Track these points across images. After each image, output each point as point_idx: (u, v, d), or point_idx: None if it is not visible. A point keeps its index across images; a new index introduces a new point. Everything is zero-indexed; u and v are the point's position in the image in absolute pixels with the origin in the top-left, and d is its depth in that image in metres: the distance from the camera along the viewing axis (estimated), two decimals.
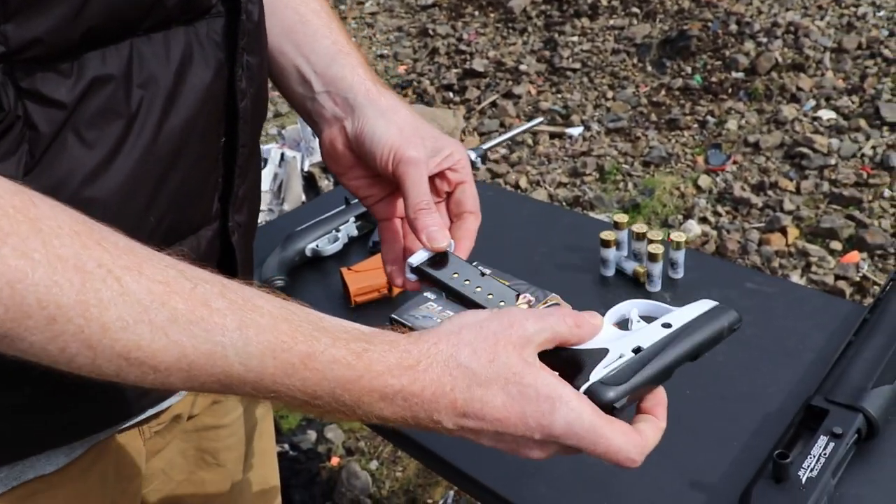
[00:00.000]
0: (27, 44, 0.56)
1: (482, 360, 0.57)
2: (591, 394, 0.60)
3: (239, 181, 0.77)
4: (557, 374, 0.60)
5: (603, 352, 0.63)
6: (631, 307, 0.71)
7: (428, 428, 0.58)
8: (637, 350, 0.63)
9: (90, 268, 0.49)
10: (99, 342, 0.50)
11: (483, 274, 0.73)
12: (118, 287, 0.49)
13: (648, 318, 0.69)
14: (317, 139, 0.84)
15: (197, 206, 0.74)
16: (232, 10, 0.71)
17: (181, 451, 0.95)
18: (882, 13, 3.78)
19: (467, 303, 0.71)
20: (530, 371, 0.58)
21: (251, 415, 1.03)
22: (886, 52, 3.53)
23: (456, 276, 0.73)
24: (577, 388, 0.60)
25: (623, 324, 0.70)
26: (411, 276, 0.76)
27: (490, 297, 0.71)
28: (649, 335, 0.64)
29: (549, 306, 0.71)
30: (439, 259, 0.75)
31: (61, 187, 0.61)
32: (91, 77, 0.61)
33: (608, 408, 0.60)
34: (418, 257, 0.75)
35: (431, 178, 0.78)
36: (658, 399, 0.64)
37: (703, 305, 0.68)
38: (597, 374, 0.61)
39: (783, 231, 2.80)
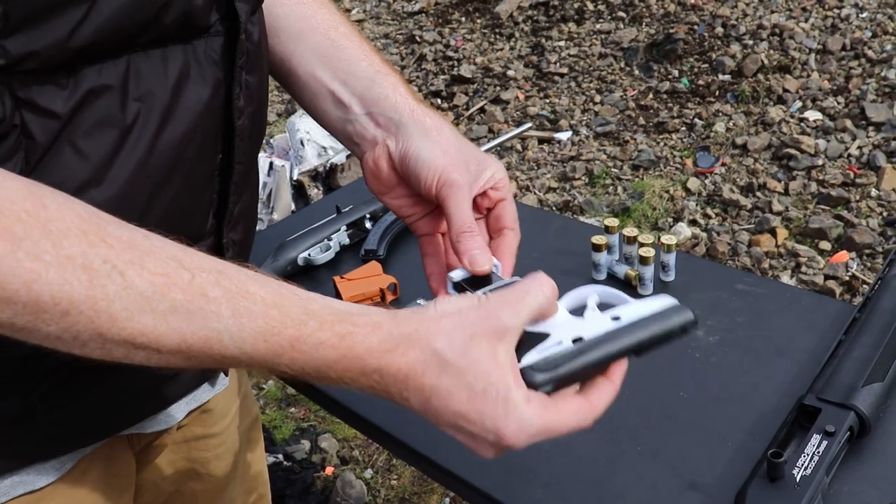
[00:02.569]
0: (24, 57, 0.58)
1: (456, 351, 0.60)
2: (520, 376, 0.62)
3: (234, 198, 0.78)
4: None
5: (543, 336, 0.65)
6: (590, 293, 0.72)
7: (396, 402, 0.62)
8: (577, 340, 0.65)
9: (97, 265, 0.53)
10: (108, 330, 0.54)
11: None
12: (122, 281, 0.54)
13: (607, 306, 0.70)
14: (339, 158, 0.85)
15: (191, 221, 0.75)
16: (231, 29, 0.71)
17: (171, 463, 0.95)
18: (865, 14, 3.81)
19: None
20: (496, 370, 0.60)
21: (240, 425, 1.03)
22: (870, 52, 3.56)
23: None
24: None
25: (580, 309, 0.71)
26: (453, 291, 0.76)
27: None
28: (595, 326, 0.66)
29: (509, 283, 0.70)
30: (482, 276, 0.75)
31: None
32: (87, 89, 0.62)
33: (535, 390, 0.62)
34: (460, 273, 0.75)
35: (474, 197, 0.79)
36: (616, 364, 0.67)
37: (661, 302, 0.68)
38: (529, 358, 0.63)
39: (772, 232, 2.82)
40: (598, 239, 1.20)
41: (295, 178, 3.19)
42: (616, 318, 0.66)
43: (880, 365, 0.91)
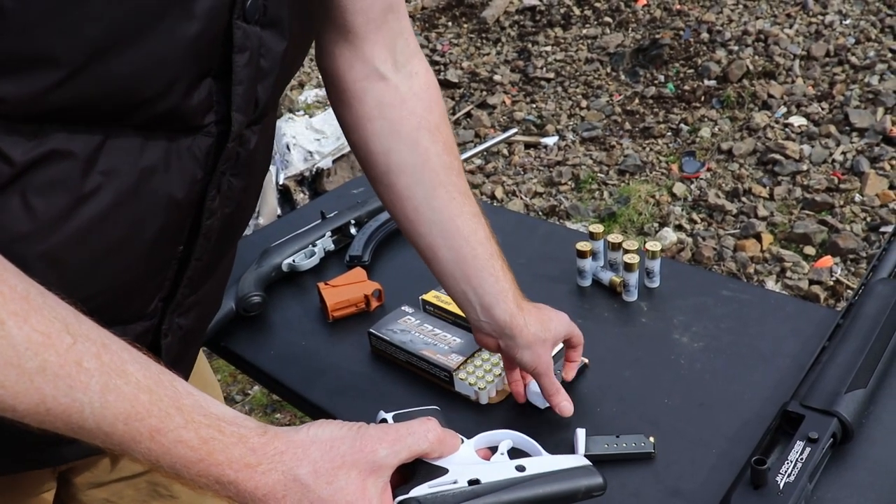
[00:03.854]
0: None
1: (320, 481, 0.61)
2: None
3: (185, 291, 0.77)
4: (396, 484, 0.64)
5: (441, 471, 0.66)
6: (504, 438, 0.74)
7: None
8: (474, 482, 0.65)
9: None
10: None
11: None
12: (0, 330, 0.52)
13: (521, 454, 0.71)
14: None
15: (132, 300, 0.73)
16: (224, 133, 0.69)
17: (132, 484, 0.95)
18: (848, 21, 3.84)
19: None
20: (362, 502, 0.61)
21: None
22: (853, 59, 3.58)
23: None
24: (395, 496, 0.64)
25: (493, 451, 0.73)
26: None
27: None
28: (496, 472, 0.67)
29: (421, 412, 0.72)
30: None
31: None
32: (51, 147, 0.60)
33: None
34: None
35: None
36: None
37: (572, 461, 0.69)
38: (419, 490, 0.64)
39: (758, 237, 2.83)
40: (583, 245, 1.20)
41: (281, 182, 3.18)
42: (521, 468, 0.67)
43: (863, 371, 0.91)
